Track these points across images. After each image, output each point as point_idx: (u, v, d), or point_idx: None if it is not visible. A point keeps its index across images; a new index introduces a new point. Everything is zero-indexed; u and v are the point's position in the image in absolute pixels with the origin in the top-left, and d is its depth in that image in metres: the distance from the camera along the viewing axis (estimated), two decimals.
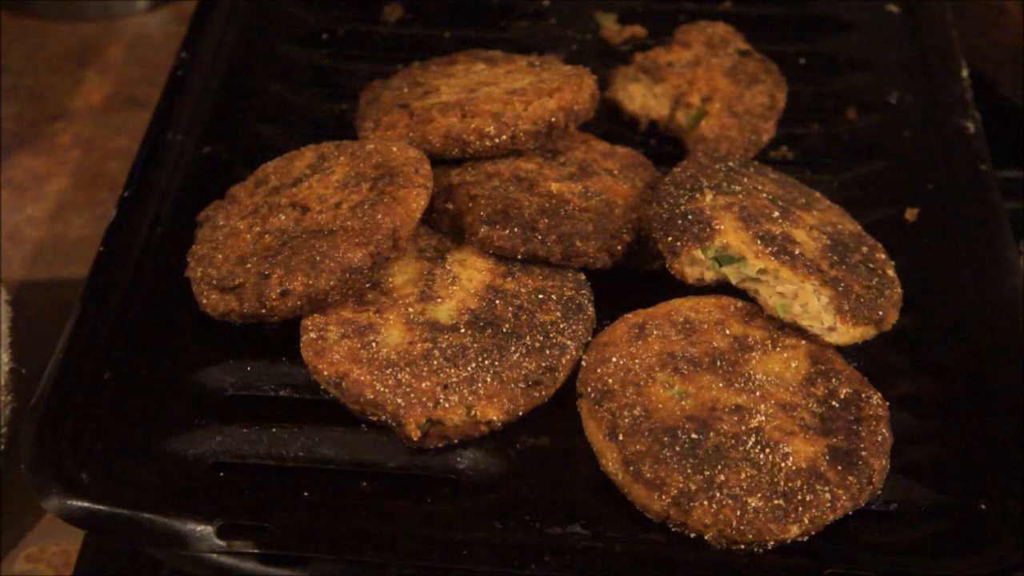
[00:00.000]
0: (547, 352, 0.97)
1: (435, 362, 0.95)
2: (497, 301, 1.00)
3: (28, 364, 1.13)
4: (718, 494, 0.87)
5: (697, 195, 1.02)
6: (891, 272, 1.04)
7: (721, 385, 0.95)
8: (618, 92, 1.28)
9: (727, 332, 0.99)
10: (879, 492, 0.92)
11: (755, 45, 1.30)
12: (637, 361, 0.96)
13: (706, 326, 0.99)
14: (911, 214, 1.16)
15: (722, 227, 0.99)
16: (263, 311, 0.97)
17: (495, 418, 0.94)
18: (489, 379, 0.95)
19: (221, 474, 0.94)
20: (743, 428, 0.92)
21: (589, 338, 1.00)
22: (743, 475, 0.89)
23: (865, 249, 1.05)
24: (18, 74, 1.60)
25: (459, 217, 1.05)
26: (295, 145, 1.13)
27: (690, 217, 1.00)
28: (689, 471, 0.89)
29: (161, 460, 0.94)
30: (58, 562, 1.09)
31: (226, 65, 1.31)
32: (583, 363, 0.98)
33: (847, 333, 0.97)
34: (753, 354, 0.97)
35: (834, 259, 1.00)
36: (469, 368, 0.95)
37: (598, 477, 0.93)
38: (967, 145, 1.22)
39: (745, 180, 1.07)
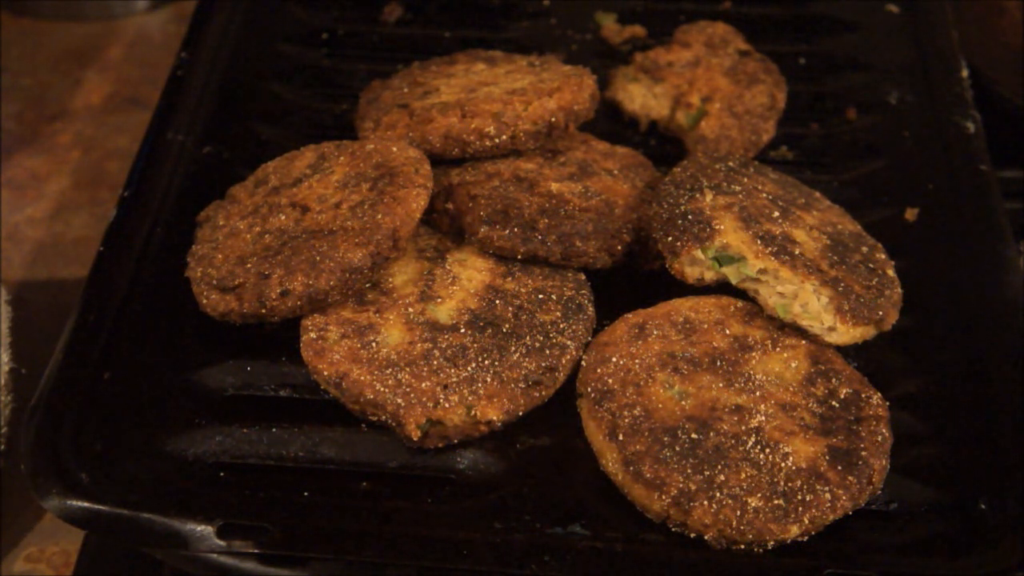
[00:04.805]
0: (547, 352, 0.97)
1: (435, 362, 0.95)
2: (497, 301, 1.00)
3: (28, 364, 1.13)
4: (718, 494, 0.87)
5: (697, 195, 1.02)
6: (891, 272, 1.04)
7: (721, 385, 0.95)
8: (618, 92, 1.28)
9: (727, 332, 0.99)
10: (879, 492, 0.92)
11: (755, 45, 1.30)
12: (637, 361, 0.96)
13: (706, 326, 0.99)
14: (911, 214, 1.16)
15: (722, 227, 0.99)
16: (263, 311, 0.97)
17: (495, 418, 0.94)
18: (489, 379, 0.95)
19: (221, 474, 0.94)
20: (743, 428, 0.92)
21: (589, 338, 1.00)
22: (743, 475, 0.89)
23: (865, 249, 1.05)
24: (18, 74, 1.60)
25: (459, 217, 1.05)
26: (295, 145, 1.13)
27: (690, 217, 1.00)
28: (689, 471, 0.89)
29: (161, 460, 0.94)
30: (58, 562, 1.09)
31: (226, 65, 1.31)
32: (583, 363, 0.98)
33: (847, 333, 0.97)
34: (753, 354, 0.97)
35: (834, 259, 1.00)
36: (469, 368, 0.95)
37: (598, 477, 0.93)
38: (967, 145, 1.22)
39: (745, 180, 1.07)
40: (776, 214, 1.03)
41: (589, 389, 0.95)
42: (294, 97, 1.30)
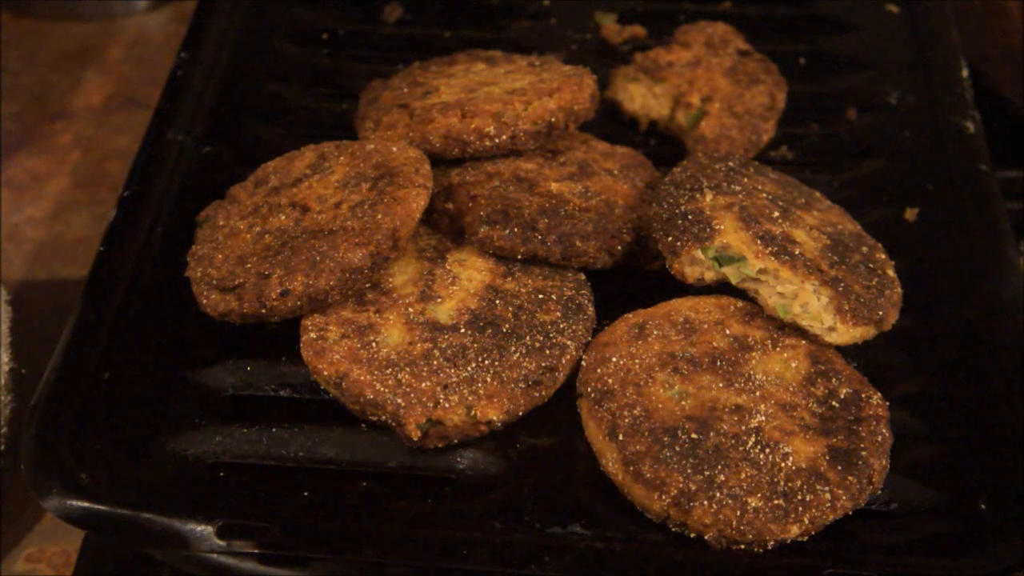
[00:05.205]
0: (547, 352, 0.97)
1: (435, 362, 0.95)
2: (497, 301, 1.00)
3: (28, 364, 1.13)
4: (718, 494, 0.87)
5: (697, 195, 1.02)
6: (891, 272, 1.04)
7: (721, 385, 0.95)
8: (618, 92, 1.28)
9: (727, 332, 0.99)
10: (879, 492, 0.92)
11: (755, 45, 1.30)
12: (637, 361, 0.96)
13: (706, 326, 0.99)
14: (911, 214, 1.16)
15: (722, 227, 0.99)
16: (263, 311, 0.97)
17: (495, 418, 0.94)
18: (489, 379, 0.95)
19: (221, 474, 0.94)
20: (743, 428, 0.92)
21: (589, 338, 1.00)
22: (743, 475, 0.89)
23: (865, 249, 1.05)
24: (18, 74, 1.60)
25: (459, 217, 1.05)
26: (295, 145, 1.13)
27: (690, 217, 1.00)
28: (689, 471, 0.88)
29: (161, 460, 0.94)
30: (58, 562, 1.09)
31: (226, 65, 1.31)
32: (583, 363, 0.98)
33: (847, 333, 0.97)
34: (753, 354, 0.97)
35: (834, 259, 1.00)
36: (469, 368, 0.95)
37: (598, 477, 0.93)
38: (967, 145, 1.22)
39: (745, 180, 1.07)
40: (776, 214, 1.03)
41: (589, 389, 0.95)
42: (294, 97, 1.30)
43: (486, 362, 0.95)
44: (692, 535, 0.89)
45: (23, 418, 0.96)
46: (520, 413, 0.95)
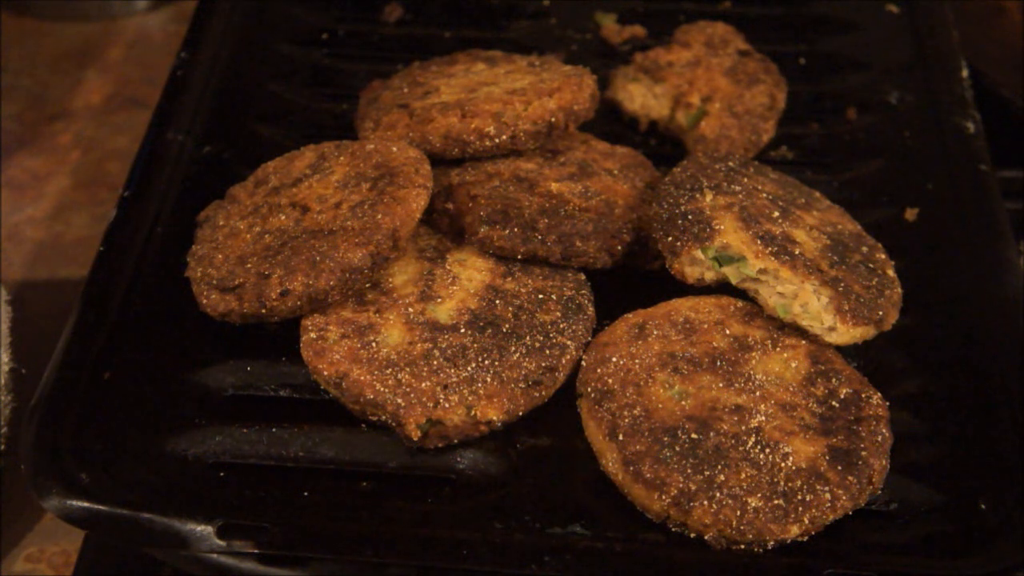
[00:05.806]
0: (547, 352, 0.97)
1: (435, 362, 0.95)
2: (497, 301, 1.00)
3: (28, 364, 1.13)
4: (718, 494, 0.87)
5: (697, 195, 1.02)
6: (891, 272, 1.04)
7: (721, 385, 0.95)
8: (618, 92, 1.28)
9: (727, 332, 0.99)
10: (879, 492, 0.92)
11: (755, 45, 1.30)
12: (637, 361, 0.96)
13: (706, 326, 0.99)
14: (911, 214, 1.16)
15: (722, 227, 0.99)
16: (263, 311, 0.97)
17: (495, 418, 0.94)
18: (489, 379, 0.95)
19: (221, 474, 0.94)
20: (743, 428, 0.92)
21: (589, 338, 1.00)
22: (743, 475, 0.89)
23: (865, 249, 1.05)
24: (18, 74, 1.60)
25: (459, 217, 1.05)
26: (295, 145, 1.13)
27: (690, 217, 1.00)
28: (689, 471, 0.88)
29: (161, 460, 0.94)
30: (58, 562, 1.09)
31: (226, 65, 1.31)
32: (583, 363, 0.98)
33: (847, 333, 0.97)
34: (753, 354, 0.97)
35: (834, 259, 1.00)
36: (469, 368, 0.95)
37: (598, 477, 0.93)
38: (967, 145, 1.22)
39: (745, 180, 1.07)
40: (776, 214, 1.03)
41: (589, 389, 0.95)
42: (294, 97, 1.30)
43: (486, 362, 0.95)
44: (692, 535, 0.89)
45: (23, 418, 0.96)
46: (520, 413, 0.95)
